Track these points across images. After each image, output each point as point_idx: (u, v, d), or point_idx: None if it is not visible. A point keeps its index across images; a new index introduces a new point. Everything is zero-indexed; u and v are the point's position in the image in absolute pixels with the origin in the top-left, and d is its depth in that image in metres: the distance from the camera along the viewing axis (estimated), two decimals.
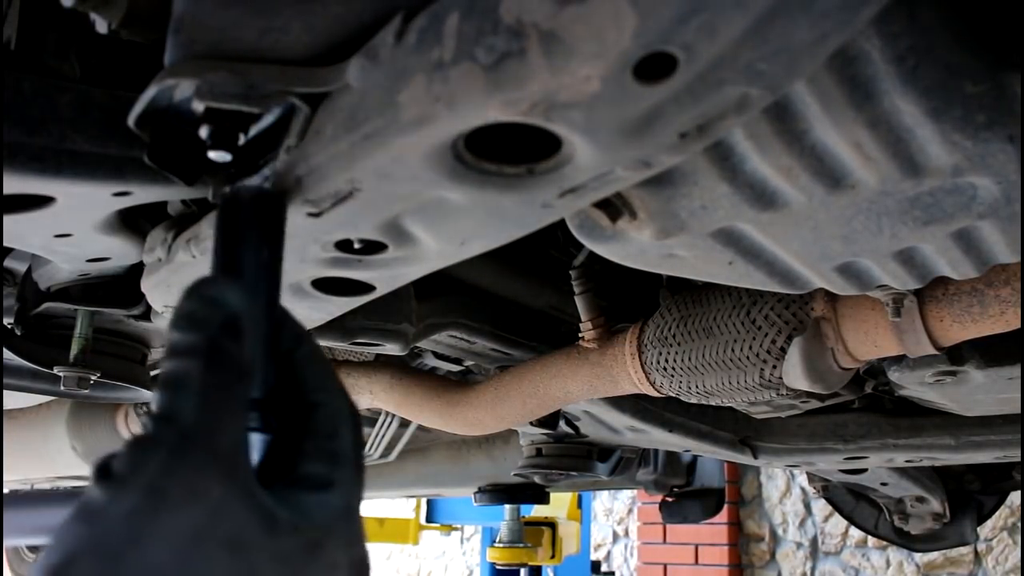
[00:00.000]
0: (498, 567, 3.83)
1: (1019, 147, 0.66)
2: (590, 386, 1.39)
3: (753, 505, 5.24)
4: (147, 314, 1.22)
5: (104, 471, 0.49)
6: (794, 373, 1.14)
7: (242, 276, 0.61)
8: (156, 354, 1.55)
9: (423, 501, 4.97)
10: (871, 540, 4.71)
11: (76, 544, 0.48)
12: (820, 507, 4.90)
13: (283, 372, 0.60)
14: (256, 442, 0.57)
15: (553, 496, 3.33)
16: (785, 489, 5.13)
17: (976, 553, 4.45)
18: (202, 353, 0.52)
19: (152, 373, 1.55)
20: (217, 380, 0.52)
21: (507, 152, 0.59)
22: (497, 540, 3.75)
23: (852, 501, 2.74)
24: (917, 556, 4.61)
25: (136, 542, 0.47)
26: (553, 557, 3.93)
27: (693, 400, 1.32)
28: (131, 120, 0.66)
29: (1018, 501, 4.21)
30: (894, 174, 0.71)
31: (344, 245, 0.75)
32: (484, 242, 0.74)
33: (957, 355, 1.22)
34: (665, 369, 1.27)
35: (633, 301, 1.46)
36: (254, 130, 0.65)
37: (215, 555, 0.48)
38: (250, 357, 0.55)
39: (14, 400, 2.03)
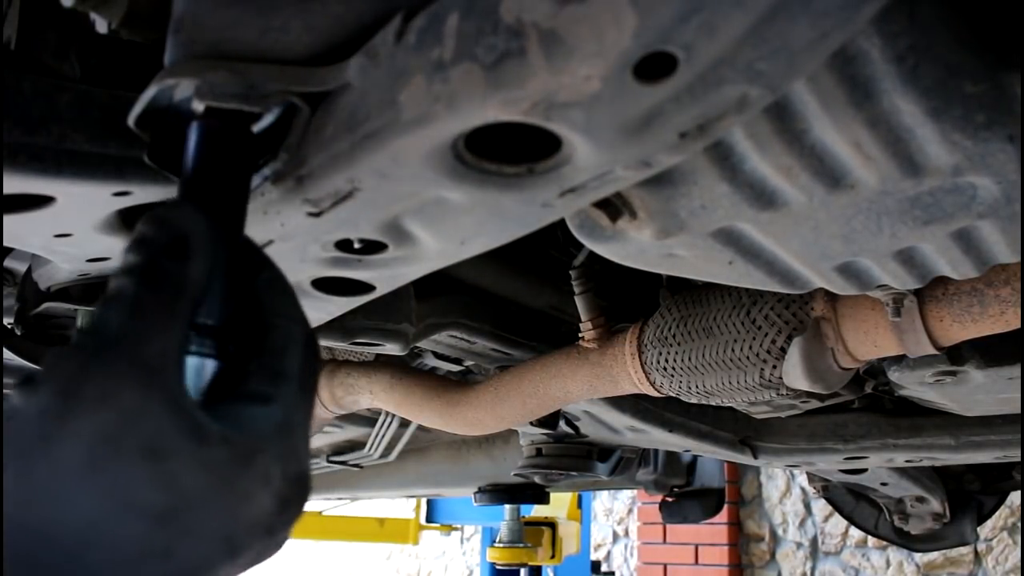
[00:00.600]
0: (498, 567, 3.83)
1: (1019, 147, 0.66)
2: (590, 386, 1.39)
3: (753, 505, 5.24)
4: None
5: (25, 379, 0.50)
6: (794, 373, 1.14)
7: (203, 202, 0.60)
8: None
9: (423, 501, 4.97)
10: (871, 540, 4.71)
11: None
12: (820, 507, 4.90)
13: (244, 299, 0.60)
14: (210, 368, 0.57)
15: (553, 496, 3.33)
16: (785, 489, 5.13)
17: (976, 553, 4.45)
18: (139, 271, 0.53)
19: None
20: (151, 297, 0.52)
21: (507, 152, 0.59)
22: (497, 540, 3.75)
23: (852, 501, 2.74)
24: (917, 556, 4.61)
25: (47, 441, 0.47)
26: (553, 557, 3.93)
27: (693, 400, 1.32)
28: (131, 120, 0.66)
29: (1018, 501, 4.21)
30: (894, 174, 0.71)
31: (344, 245, 0.75)
32: (484, 242, 0.74)
33: (957, 355, 1.22)
34: (665, 369, 1.27)
35: (633, 301, 1.46)
36: (254, 130, 0.65)
37: (128, 459, 0.48)
38: (198, 278, 0.55)
39: None
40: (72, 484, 0.47)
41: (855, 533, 4.78)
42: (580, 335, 1.38)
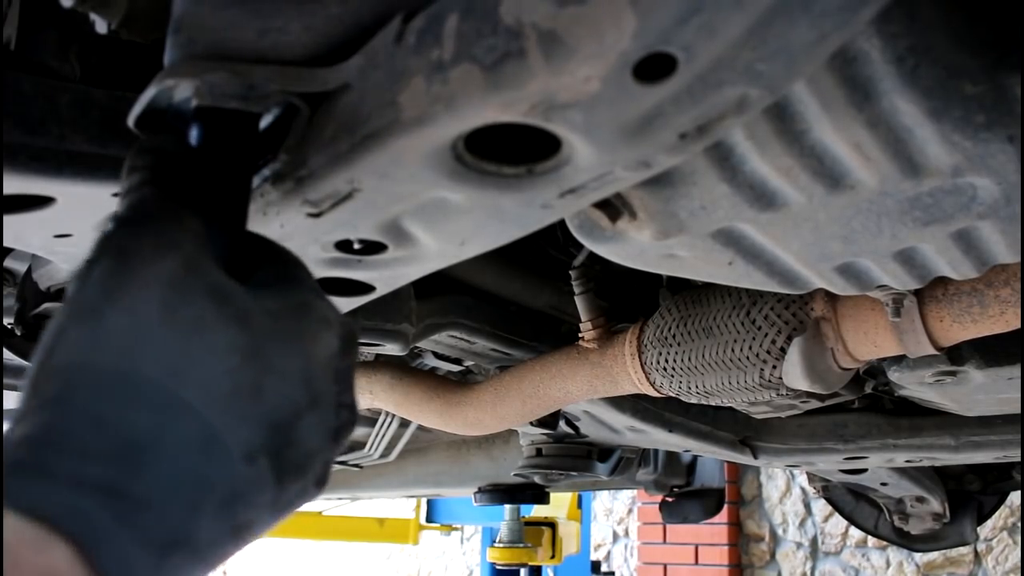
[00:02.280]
0: (498, 567, 3.83)
1: (1019, 147, 0.66)
2: (590, 386, 1.39)
3: (753, 505, 5.24)
4: None
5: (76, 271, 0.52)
6: (794, 373, 1.14)
7: (203, 200, 0.60)
8: None
9: (423, 501, 4.97)
10: (871, 540, 4.71)
11: (59, 321, 0.49)
12: (820, 507, 4.90)
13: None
14: None
15: (553, 496, 3.33)
16: (785, 489, 5.13)
17: (976, 553, 4.45)
18: (151, 165, 0.58)
19: None
20: (173, 178, 0.57)
21: (507, 152, 0.59)
22: (497, 540, 3.75)
23: (852, 501, 2.74)
24: (917, 556, 4.61)
25: (112, 295, 0.48)
26: (553, 557, 3.93)
27: (693, 400, 1.32)
28: (131, 120, 0.66)
29: (1018, 501, 4.21)
30: (894, 174, 0.71)
31: (344, 245, 0.75)
32: (484, 242, 0.74)
33: (957, 355, 1.22)
34: (665, 369, 1.27)
35: (633, 301, 1.46)
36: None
37: (199, 298, 0.49)
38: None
39: (14, 400, 2.03)
40: (152, 326, 0.48)
41: (855, 533, 4.78)
42: (580, 335, 1.38)
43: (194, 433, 0.47)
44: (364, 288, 0.87)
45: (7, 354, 1.35)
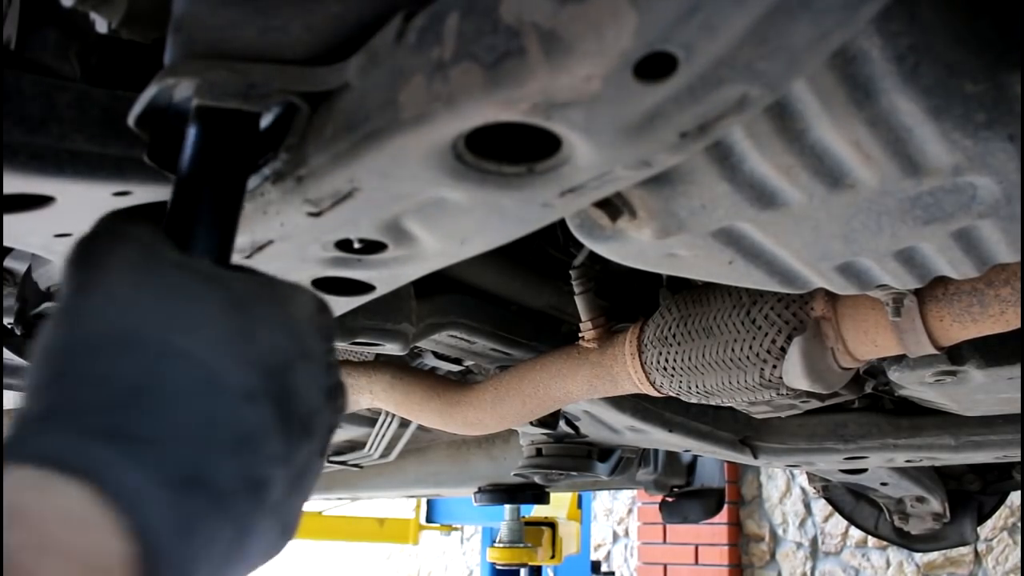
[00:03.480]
0: (498, 567, 3.83)
1: (1019, 146, 0.66)
2: (590, 386, 1.39)
3: (753, 505, 5.24)
4: None
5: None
6: (794, 373, 1.14)
7: (196, 202, 0.61)
8: None
9: (423, 501, 4.97)
10: (871, 540, 4.71)
11: (45, 333, 0.51)
12: (820, 507, 4.90)
13: None
14: None
15: (553, 496, 3.33)
16: (785, 489, 5.13)
17: (976, 553, 4.45)
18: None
19: None
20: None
21: (507, 152, 0.59)
22: (497, 540, 3.75)
23: (852, 501, 2.74)
24: (917, 556, 4.61)
25: (85, 291, 0.51)
26: (553, 557, 3.93)
27: (693, 400, 1.32)
28: (131, 120, 0.66)
29: (1018, 501, 4.21)
30: (894, 173, 0.71)
31: (344, 245, 0.75)
32: (484, 241, 0.73)
33: (957, 355, 1.22)
34: (665, 369, 1.27)
35: (633, 301, 1.46)
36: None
37: (167, 271, 0.52)
38: None
39: (14, 400, 2.03)
40: (130, 296, 0.50)
41: (855, 533, 4.78)
42: (580, 335, 1.38)
43: (192, 374, 0.48)
44: (364, 287, 0.87)
45: (7, 354, 1.35)
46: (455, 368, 1.74)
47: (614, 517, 5.98)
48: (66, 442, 0.43)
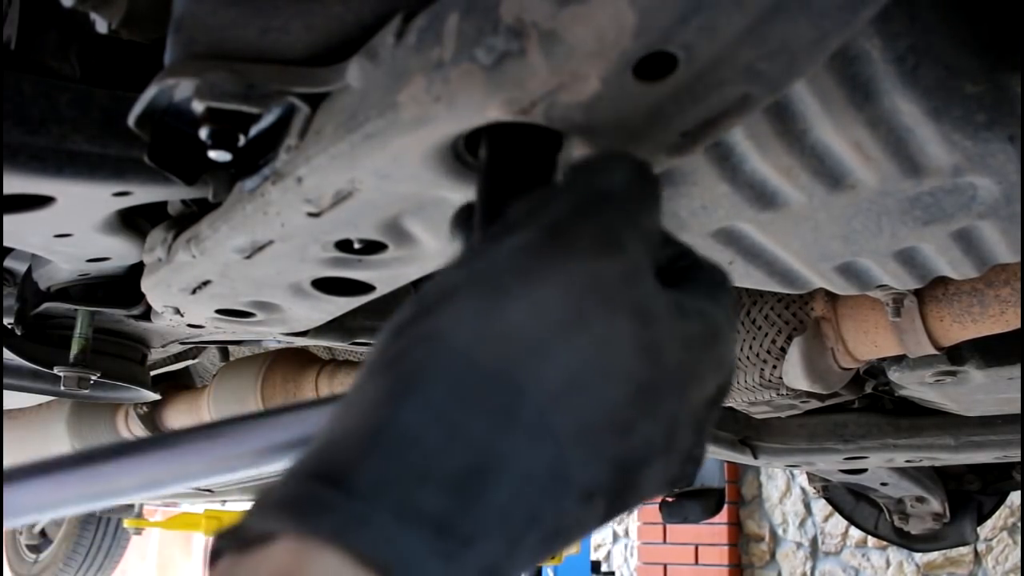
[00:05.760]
0: None
1: (1019, 147, 0.66)
2: None
3: (753, 505, 5.24)
4: (147, 314, 1.22)
5: (494, 226, 0.44)
6: (794, 373, 1.14)
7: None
8: (156, 354, 1.55)
9: None
10: (871, 540, 4.71)
11: (454, 278, 0.42)
12: (820, 507, 4.90)
13: None
14: None
15: None
16: (785, 489, 5.12)
17: (976, 553, 4.45)
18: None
19: (152, 373, 1.55)
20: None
21: None
22: None
23: (852, 501, 2.74)
24: (917, 556, 4.61)
25: (528, 277, 0.41)
26: (553, 557, 3.94)
27: None
28: (131, 120, 0.66)
29: (1018, 501, 4.21)
30: (894, 174, 0.71)
31: (344, 245, 0.75)
32: None
33: (957, 355, 1.22)
34: None
35: None
36: (254, 130, 0.65)
37: (619, 316, 0.41)
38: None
39: (14, 400, 2.03)
40: (553, 332, 0.40)
41: (855, 533, 4.78)
42: None
43: (545, 464, 0.39)
44: (364, 288, 0.87)
45: (7, 354, 1.35)
46: None
47: None
48: (384, 529, 0.35)
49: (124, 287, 1.17)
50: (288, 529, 0.34)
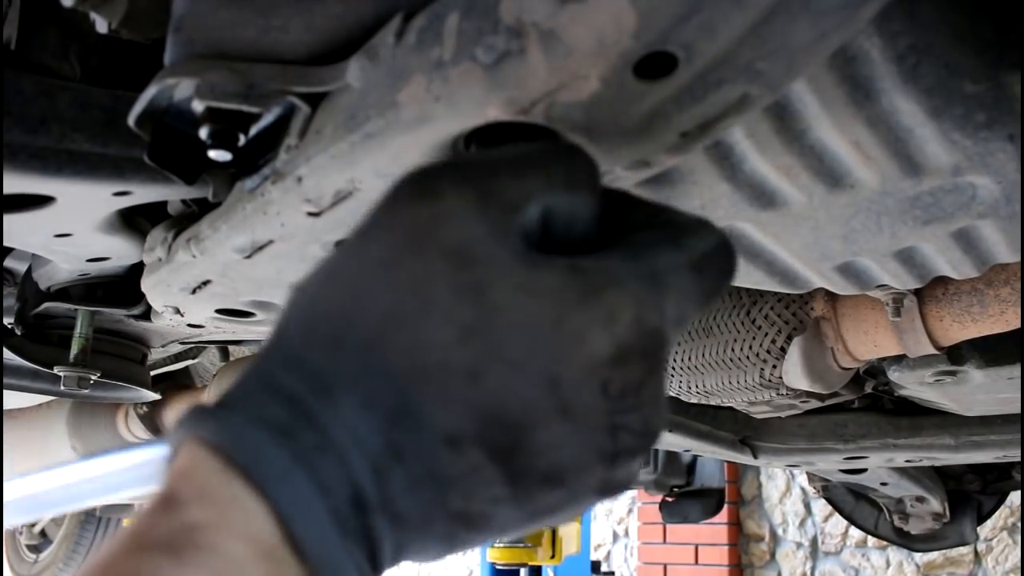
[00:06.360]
0: (498, 567, 3.83)
1: (1019, 146, 0.66)
2: None
3: (753, 505, 5.24)
4: (147, 314, 1.22)
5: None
6: (794, 373, 1.14)
7: None
8: (156, 354, 1.55)
9: None
10: (871, 540, 4.71)
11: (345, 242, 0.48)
12: (820, 507, 4.90)
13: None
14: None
15: None
16: (785, 489, 5.13)
17: (976, 553, 4.45)
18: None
19: (152, 373, 1.54)
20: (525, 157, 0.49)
21: None
22: (497, 540, 3.74)
23: (852, 501, 2.74)
24: (917, 556, 4.61)
25: (363, 227, 0.47)
26: (553, 557, 3.93)
27: (693, 400, 1.32)
28: (131, 120, 0.66)
29: (1018, 501, 4.21)
30: (894, 173, 0.71)
31: None
32: None
33: (957, 355, 1.22)
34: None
35: None
36: (254, 129, 0.65)
37: (426, 252, 0.44)
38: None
39: (14, 400, 2.03)
40: (372, 270, 0.45)
41: (855, 533, 4.78)
42: None
43: (385, 395, 0.44)
44: None
45: (7, 354, 1.35)
46: None
47: (614, 517, 5.98)
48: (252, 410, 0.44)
49: (124, 287, 1.17)
50: (186, 435, 0.44)
